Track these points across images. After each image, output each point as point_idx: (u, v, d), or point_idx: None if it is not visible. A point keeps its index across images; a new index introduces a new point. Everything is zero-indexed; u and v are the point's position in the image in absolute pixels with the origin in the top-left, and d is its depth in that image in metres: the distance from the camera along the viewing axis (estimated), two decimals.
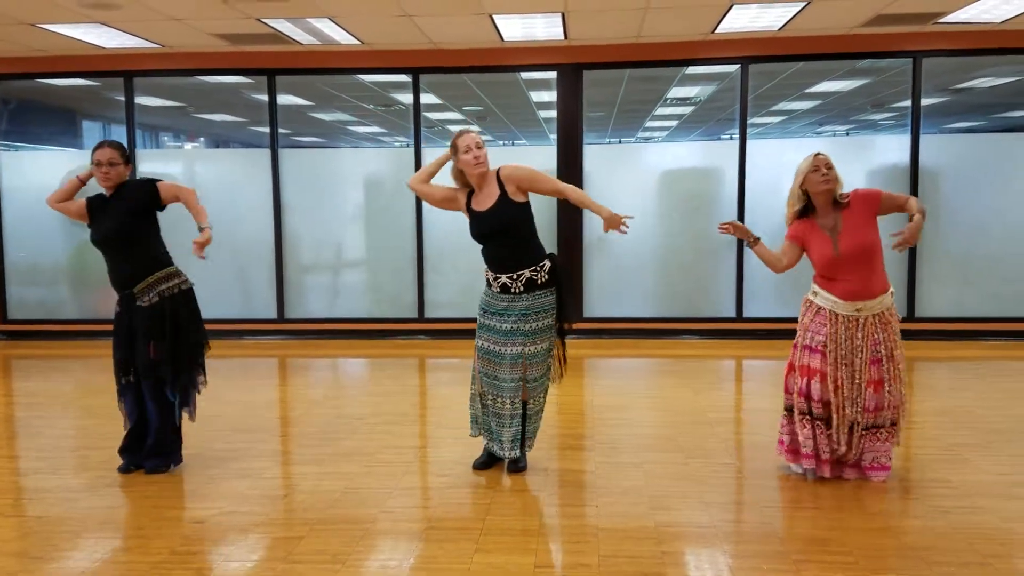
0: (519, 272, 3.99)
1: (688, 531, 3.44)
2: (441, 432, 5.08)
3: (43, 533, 3.50)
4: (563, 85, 8.14)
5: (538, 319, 4.02)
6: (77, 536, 3.48)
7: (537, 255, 4.06)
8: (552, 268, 4.07)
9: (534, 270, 4.00)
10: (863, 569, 3.06)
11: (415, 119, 8.31)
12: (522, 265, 4.00)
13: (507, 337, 4.03)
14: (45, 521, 3.65)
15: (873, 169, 8.14)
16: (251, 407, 5.74)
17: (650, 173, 8.36)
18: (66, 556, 3.27)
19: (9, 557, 3.24)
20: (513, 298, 4.02)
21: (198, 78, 8.82)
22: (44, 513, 3.75)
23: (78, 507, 3.82)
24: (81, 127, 11.86)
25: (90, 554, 3.28)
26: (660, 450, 4.57)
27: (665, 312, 8.27)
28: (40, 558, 3.24)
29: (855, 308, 3.84)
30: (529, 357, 4.03)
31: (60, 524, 3.61)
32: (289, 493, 3.97)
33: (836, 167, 3.91)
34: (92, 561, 3.21)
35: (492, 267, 4.09)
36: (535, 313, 4.02)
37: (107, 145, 4.13)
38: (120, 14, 6.63)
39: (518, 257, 4.01)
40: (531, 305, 4.01)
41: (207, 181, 8.73)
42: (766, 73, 8.84)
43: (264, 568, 3.14)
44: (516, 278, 4.00)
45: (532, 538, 3.38)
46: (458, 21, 6.93)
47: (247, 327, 8.52)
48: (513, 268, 4.00)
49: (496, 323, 4.06)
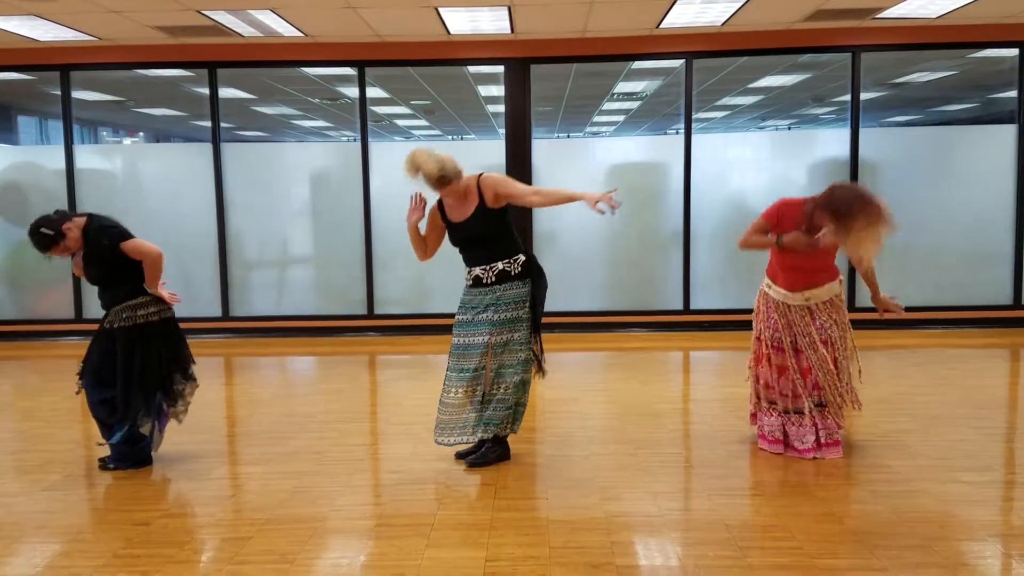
0: (492, 264, 4.08)
1: (637, 521, 3.48)
2: (392, 428, 5.05)
3: None
4: (511, 79, 8.14)
5: (507, 309, 4.06)
6: (15, 541, 3.38)
7: (512, 250, 4.12)
8: (526, 262, 4.13)
9: (507, 262, 4.08)
10: (807, 554, 3.13)
11: (361, 113, 8.23)
12: (496, 259, 4.08)
13: (475, 327, 4.08)
14: None
15: (814, 163, 8.30)
16: (196, 407, 5.59)
17: (598, 168, 8.41)
18: (4, 562, 3.17)
19: None
20: (486, 290, 4.09)
21: (137, 71, 8.61)
22: None
23: (15, 512, 3.70)
24: (16, 122, 11.51)
25: (29, 559, 3.18)
26: (609, 442, 4.61)
27: (613, 306, 8.34)
28: None
29: (804, 298, 4.05)
30: (496, 347, 4.05)
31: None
32: (236, 493, 3.91)
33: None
34: (31, 566, 3.11)
35: (467, 263, 4.19)
36: (504, 304, 4.06)
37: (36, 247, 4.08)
38: (56, 6, 6.43)
39: (493, 254, 4.10)
40: (502, 295, 4.07)
41: (148, 177, 8.53)
42: (710, 68, 8.95)
43: (211, 569, 3.09)
44: (489, 269, 4.08)
45: (483, 532, 3.38)
46: (403, 14, 6.88)
47: (191, 325, 8.30)
48: (487, 261, 4.09)
49: (468, 316, 4.13)
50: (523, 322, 4.12)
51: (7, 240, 8.36)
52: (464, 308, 4.17)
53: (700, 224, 8.11)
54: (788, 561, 3.07)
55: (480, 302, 4.10)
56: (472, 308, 4.13)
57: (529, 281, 4.13)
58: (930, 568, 2.99)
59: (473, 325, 4.10)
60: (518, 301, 4.10)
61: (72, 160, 8.24)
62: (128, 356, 4.14)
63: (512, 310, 4.08)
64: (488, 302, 4.08)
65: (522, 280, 4.11)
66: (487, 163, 8.30)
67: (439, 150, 4.12)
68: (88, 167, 8.34)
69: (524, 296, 4.11)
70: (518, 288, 4.10)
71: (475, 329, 4.09)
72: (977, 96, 12.94)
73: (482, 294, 4.11)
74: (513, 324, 4.09)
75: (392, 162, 8.43)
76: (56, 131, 8.59)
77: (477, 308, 4.11)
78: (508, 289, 4.08)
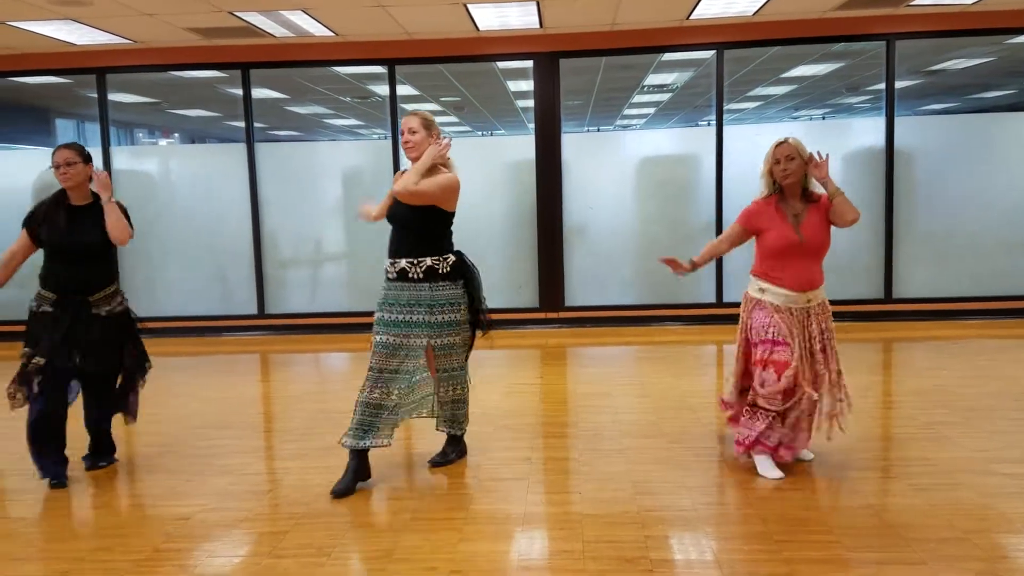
0: (419, 259, 3.90)
1: (671, 515, 3.47)
2: (423, 424, 5.06)
3: (23, 535, 3.48)
4: (540, 74, 8.13)
5: (444, 312, 3.92)
6: (58, 536, 3.46)
7: (441, 247, 3.97)
8: (456, 262, 3.99)
9: (436, 259, 3.92)
10: (844, 547, 3.10)
11: (392, 111, 8.27)
12: (424, 253, 3.91)
13: (410, 329, 3.89)
14: (25, 523, 3.62)
15: (849, 152, 8.19)
16: (233, 403, 5.72)
17: (628, 161, 8.38)
18: (47, 557, 3.25)
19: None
20: (413, 286, 3.89)
21: (172, 73, 8.74)
22: (24, 515, 3.72)
23: (58, 507, 3.79)
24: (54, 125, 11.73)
25: (71, 553, 3.26)
26: (643, 436, 4.60)
27: (645, 299, 8.31)
28: (21, 559, 3.22)
29: (806, 299, 3.84)
30: (437, 349, 3.94)
31: (40, 524, 3.59)
32: (273, 488, 3.96)
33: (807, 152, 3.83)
34: (73, 560, 3.19)
35: (392, 252, 3.97)
36: (440, 305, 3.91)
37: (63, 147, 4.08)
38: (91, 10, 6.55)
39: (420, 244, 3.92)
40: (435, 296, 3.90)
41: (183, 177, 8.67)
42: (741, 59, 8.87)
43: (249, 563, 3.14)
44: (416, 263, 3.90)
45: (516, 526, 3.40)
46: (432, 11, 6.90)
47: (227, 323, 8.47)
48: (413, 255, 3.91)
49: (398, 315, 3.90)
50: (463, 324, 4.01)
51: None
52: (388, 305, 3.93)
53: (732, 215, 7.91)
54: (824, 555, 3.05)
55: (408, 299, 3.89)
56: (400, 305, 3.90)
57: (462, 282, 4.00)
58: (969, 561, 2.96)
59: (406, 326, 3.88)
60: (454, 303, 3.95)
61: (110, 162, 8.38)
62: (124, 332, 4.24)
63: (449, 312, 3.93)
64: (420, 300, 3.88)
65: (453, 281, 3.95)
66: (517, 158, 8.32)
67: (469, 147, 4.10)
68: (125, 168, 8.48)
69: (459, 298, 3.97)
70: (451, 289, 3.94)
71: (409, 331, 3.88)
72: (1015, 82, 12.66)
73: (409, 290, 3.89)
74: (452, 327, 3.95)
75: None
76: (93, 133, 8.73)
77: (405, 305, 3.89)
78: (441, 289, 3.91)
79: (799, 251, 3.81)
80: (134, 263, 8.48)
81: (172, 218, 8.51)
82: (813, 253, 3.84)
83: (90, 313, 4.07)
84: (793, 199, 3.88)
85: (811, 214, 3.84)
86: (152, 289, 8.54)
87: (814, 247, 3.83)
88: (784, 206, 3.87)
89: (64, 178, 4.04)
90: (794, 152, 3.80)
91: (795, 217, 3.84)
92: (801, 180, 3.86)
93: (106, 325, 4.12)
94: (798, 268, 3.81)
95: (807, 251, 3.82)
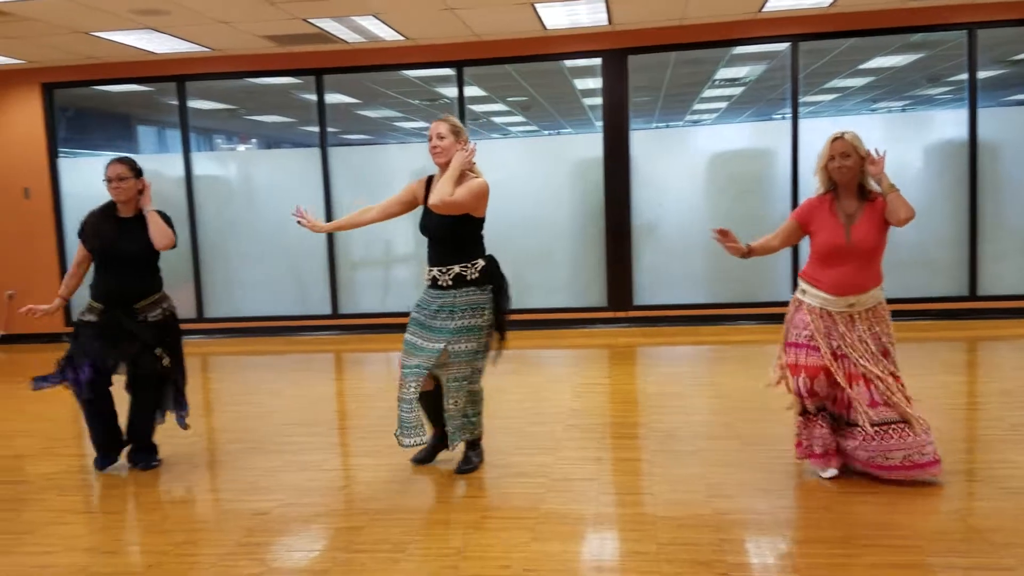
0: (448, 267, 3.92)
1: (747, 518, 3.41)
2: (492, 423, 5.08)
3: (112, 528, 3.62)
4: (608, 71, 8.09)
5: (464, 317, 3.90)
6: (145, 529, 3.60)
7: (471, 254, 3.96)
8: (485, 268, 3.97)
9: (464, 266, 3.92)
10: (928, 552, 3.00)
11: (460, 112, 8.33)
12: (452, 261, 3.93)
13: (432, 333, 3.92)
14: (114, 517, 3.77)
15: (930, 145, 7.92)
16: (309, 401, 5.84)
17: (699, 157, 8.26)
18: (135, 549, 3.38)
19: (81, 552, 3.36)
20: (442, 293, 3.92)
21: (248, 80, 8.97)
22: (113, 509, 3.87)
23: (145, 502, 3.94)
24: (136, 132, 12.14)
25: (157, 546, 3.38)
26: (717, 437, 4.53)
27: (717, 298, 8.18)
28: (110, 552, 3.36)
29: (847, 304, 3.70)
30: (452, 355, 3.89)
31: (128, 518, 3.73)
32: (348, 484, 4.04)
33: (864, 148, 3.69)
34: (160, 553, 3.30)
35: (429, 261, 4.02)
36: (462, 311, 3.90)
37: (116, 161, 4.25)
38: (170, 19, 6.78)
39: (450, 253, 3.94)
40: (457, 301, 3.90)
41: (260, 182, 8.89)
42: (817, 50, 8.65)
43: (326, 557, 3.21)
44: (445, 271, 3.93)
45: (588, 526, 3.39)
46: (500, 12, 6.93)
47: (302, 323, 8.66)
48: (443, 263, 3.94)
49: (425, 318, 3.96)
50: (482, 330, 3.96)
51: None
52: (420, 308, 4.01)
53: None
54: (908, 560, 2.95)
55: (434, 304, 3.94)
56: (426, 309, 3.96)
57: (489, 288, 3.97)
58: None
59: (428, 329, 3.93)
60: (476, 308, 3.91)
61: (190, 167, 8.67)
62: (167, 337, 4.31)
63: (469, 317, 3.90)
64: (444, 305, 3.91)
65: (480, 286, 3.94)
66: (584, 156, 8.29)
67: (536, 146, 4.10)
68: (205, 174, 8.76)
69: (483, 303, 3.93)
70: (475, 295, 3.92)
71: (430, 333, 3.92)
72: None
73: (438, 296, 3.93)
74: (471, 332, 3.91)
75: (490, 160, 8.48)
76: (174, 140, 9.03)
77: (430, 309, 3.94)
78: (465, 295, 3.91)
79: (846, 254, 3.69)
80: (213, 265, 8.76)
81: (250, 221, 8.74)
82: (862, 256, 3.70)
83: (135, 320, 4.22)
84: (848, 197, 3.75)
85: (866, 214, 3.70)
86: (231, 290, 8.79)
87: (863, 250, 3.68)
88: (838, 206, 3.75)
89: (116, 192, 4.22)
90: (850, 149, 3.66)
91: (848, 218, 3.72)
92: (857, 177, 3.72)
93: (149, 331, 4.25)
94: (841, 272, 3.69)
95: (855, 254, 3.69)
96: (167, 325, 4.32)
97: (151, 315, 4.26)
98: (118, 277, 4.21)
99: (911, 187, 7.87)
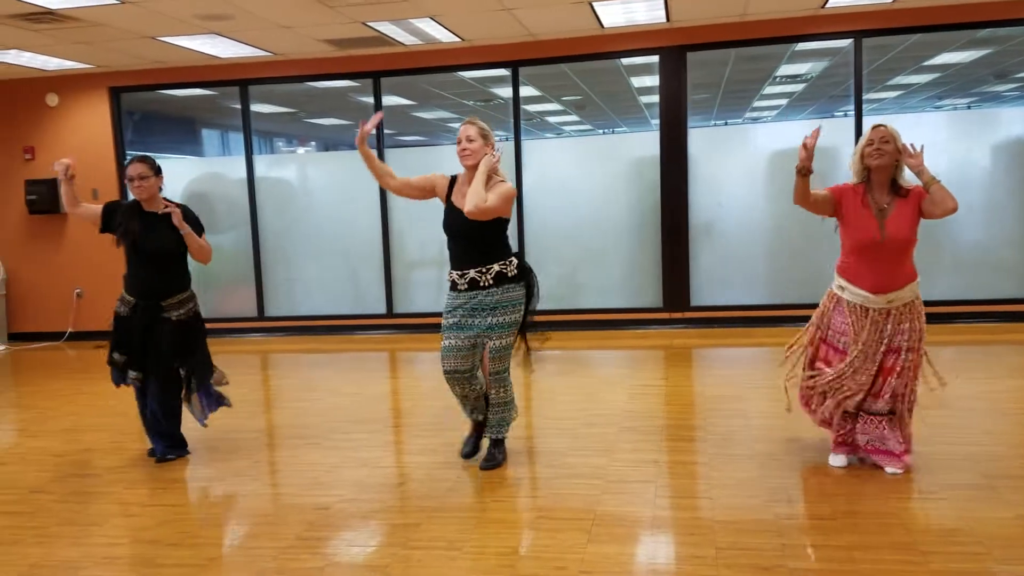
0: (488, 266, 3.96)
1: (809, 523, 3.34)
2: (546, 423, 5.09)
3: (176, 521, 3.70)
4: (666, 69, 8.01)
5: (506, 313, 3.99)
6: (208, 523, 3.68)
7: (505, 251, 4.05)
8: (520, 264, 4.06)
9: (503, 263, 3.99)
10: (996, 560, 2.90)
11: (514, 112, 8.34)
12: (490, 260, 3.97)
13: (473, 332, 4.00)
14: (178, 509, 3.86)
15: (997, 143, 7.67)
16: (365, 399, 5.91)
17: (759, 155, 8.12)
18: (198, 542, 3.46)
19: (145, 544, 3.45)
20: (484, 293, 3.97)
21: (308, 83, 9.12)
22: (177, 502, 3.97)
23: (210, 494, 4.03)
24: (201, 135, 12.43)
25: (221, 540, 3.45)
26: (775, 441, 4.45)
27: (777, 299, 8.03)
28: (175, 544, 3.43)
29: (887, 300, 3.69)
30: (493, 351, 4.00)
31: (192, 512, 3.82)
32: (405, 482, 4.07)
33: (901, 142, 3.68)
34: (223, 547, 3.37)
35: (459, 264, 4.05)
36: (503, 307, 3.99)
37: (136, 160, 4.36)
38: (234, 24, 6.93)
39: (486, 252, 3.99)
40: (501, 299, 3.98)
41: (319, 183, 9.04)
42: (881, 46, 8.44)
43: (384, 553, 3.24)
44: (485, 271, 3.96)
45: (644, 529, 3.36)
46: (557, 11, 6.92)
47: (358, 322, 8.77)
48: (481, 263, 3.98)
49: (466, 320, 4.01)
50: (517, 325, 4.07)
51: None
52: (454, 312, 4.05)
53: None
54: (974, 567, 2.87)
55: (476, 304, 3.98)
56: (465, 311, 4.00)
57: (523, 284, 4.07)
58: None
59: (469, 329, 4.00)
60: (516, 304, 4.02)
61: (252, 169, 8.84)
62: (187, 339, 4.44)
63: (510, 313, 4.01)
64: (487, 304, 3.97)
65: (518, 283, 4.03)
66: (640, 155, 8.23)
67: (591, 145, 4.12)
68: (266, 176, 8.93)
69: (521, 299, 4.05)
70: (516, 291, 4.02)
71: (472, 333, 4.00)
72: None
73: (474, 296, 3.98)
74: (509, 328, 4.03)
75: (544, 159, 8.51)
76: (236, 143, 9.23)
77: (466, 309, 4.00)
78: (507, 292, 3.99)
79: (880, 249, 3.68)
80: (273, 265, 8.92)
81: (309, 222, 8.89)
82: (895, 251, 3.69)
83: (162, 317, 4.37)
84: (881, 190, 3.73)
85: (899, 208, 3.69)
86: (291, 289, 8.95)
87: (896, 244, 3.67)
88: (871, 198, 3.73)
89: (138, 191, 4.35)
90: (890, 137, 3.67)
91: (880, 212, 3.70)
92: (891, 171, 3.71)
93: (174, 329, 4.39)
94: (879, 269, 3.69)
95: (888, 249, 3.67)
96: (189, 325, 4.45)
97: (176, 314, 4.40)
98: (145, 271, 4.38)
99: (976, 186, 7.66)
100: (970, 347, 6.76)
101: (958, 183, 7.71)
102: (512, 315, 4.02)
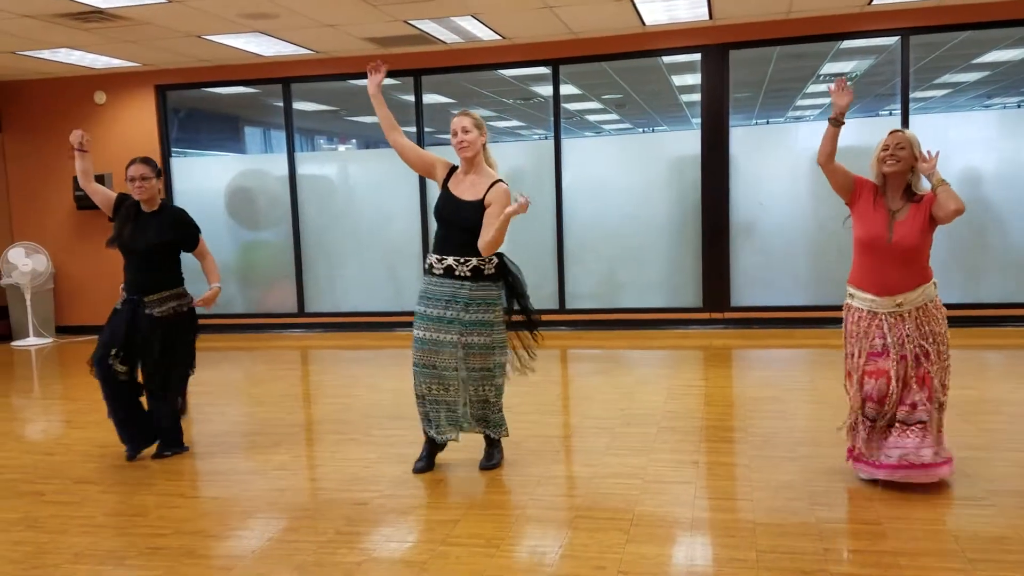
0: (467, 258, 3.94)
1: (852, 528, 3.29)
2: (585, 422, 5.07)
3: (218, 513, 3.76)
4: (708, 67, 7.93)
5: (479, 311, 3.96)
6: (249, 516, 3.72)
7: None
8: (499, 264, 4.04)
9: (481, 260, 3.96)
10: None
11: (555, 111, 8.33)
12: (472, 252, 3.94)
13: (447, 324, 3.97)
14: (220, 502, 3.91)
15: None
16: (404, 395, 5.92)
17: (802, 154, 8.00)
18: (240, 535, 3.50)
19: (188, 536, 3.50)
20: (456, 283, 3.95)
21: (349, 82, 9.19)
22: (219, 494, 4.02)
23: (250, 488, 4.07)
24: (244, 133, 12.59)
25: (261, 533, 3.49)
26: (817, 444, 4.38)
27: (819, 300, 7.90)
28: (216, 536, 3.49)
29: (896, 303, 3.63)
30: (466, 347, 3.97)
31: (233, 504, 3.87)
32: (443, 479, 4.08)
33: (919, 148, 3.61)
34: (263, 539, 3.41)
35: (440, 249, 4.03)
36: (477, 304, 3.96)
37: (138, 161, 4.44)
38: (277, 23, 7.01)
39: (471, 244, 3.94)
40: (474, 295, 3.96)
41: (359, 181, 9.11)
42: (928, 44, 8.27)
43: (423, 549, 3.25)
44: (464, 262, 3.94)
45: (684, 530, 3.33)
46: (599, 9, 6.89)
47: (397, 319, 8.81)
48: (462, 253, 3.95)
49: (436, 311, 3.99)
50: (498, 325, 4.04)
51: (238, 241, 9.21)
52: (428, 300, 4.03)
53: None
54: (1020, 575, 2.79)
55: (448, 295, 3.96)
56: (438, 301, 3.98)
57: (502, 284, 4.05)
58: None
59: (441, 321, 3.97)
60: (491, 303, 4.00)
61: (294, 167, 8.94)
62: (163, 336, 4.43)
63: (484, 312, 3.97)
64: (459, 297, 3.95)
65: (495, 282, 4.01)
66: (680, 154, 8.16)
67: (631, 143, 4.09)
68: (307, 173, 9.02)
69: (497, 299, 4.03)
70: (490, 290, 4.00)
71: (444, 326, 3.97)
72: None
73: (452, 287, 3.96)
74: (487, 327, 3.99)
75: (583, 158, 8.47)
76: (279, 140, 9.34)
77: (443, 301, 3.97)
78: (481, 289, 3.97)
79: (886, 252, 3.64)
80: (316, 261, 9.01)
81: (349, 219, 8.96)
82: (902, 256, 3.63)
83: (144, 312, 4.41)
84: (895, 195, 3.70)
85: (911, 213, 3.65)
86: (332, 286, 9.04)
87: (904, 249, 3.61)
88: (884, 201, 3.71)
89: (139, 191, 4.42)
90: (906, 143, 3.64)
91: (892, 214, 3.67)
92: (906, 176, 3.68)
93: (154, 325, 4.41)
94: (882, 271, 3.66)
95: (895, 253, 3.63)
96: (170, 323, 4.45)
97: (157, 310, 4.43)
98: (133, 268, 4.49)
99: None
100: (1021, 351, 6.59)
101: (1008, 182, 7.55)
102: (488, 315, 4.00)
